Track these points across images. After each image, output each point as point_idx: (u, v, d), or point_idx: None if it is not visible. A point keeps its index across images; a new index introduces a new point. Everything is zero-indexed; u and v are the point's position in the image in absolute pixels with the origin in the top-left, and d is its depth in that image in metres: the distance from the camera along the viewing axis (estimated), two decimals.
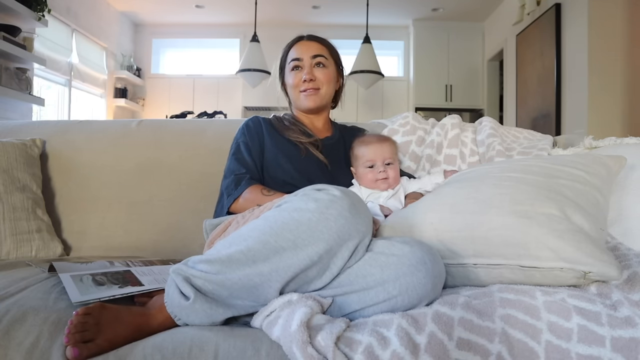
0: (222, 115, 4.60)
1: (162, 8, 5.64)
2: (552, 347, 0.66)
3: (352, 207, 0.77)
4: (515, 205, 0.85)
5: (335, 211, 0.76)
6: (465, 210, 0.88)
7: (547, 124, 4.14)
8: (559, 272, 0.75)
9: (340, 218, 0.75)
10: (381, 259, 0.77)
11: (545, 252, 0.76)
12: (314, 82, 1.30)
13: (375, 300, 0.75)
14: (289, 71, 1.34)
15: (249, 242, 0.76)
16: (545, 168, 0.99)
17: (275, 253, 0.74)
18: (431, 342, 0.66)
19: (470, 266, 0.84)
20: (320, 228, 0.74)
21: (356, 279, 0.77)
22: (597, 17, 3.55)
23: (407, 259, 0.75)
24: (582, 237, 0.78)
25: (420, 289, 0.74)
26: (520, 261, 0.79)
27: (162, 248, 1.43)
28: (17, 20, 3.28)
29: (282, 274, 0.74)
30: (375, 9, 5.31)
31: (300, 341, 0.65)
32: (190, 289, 0.74)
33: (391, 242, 0.81)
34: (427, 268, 0.74)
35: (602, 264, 0.73)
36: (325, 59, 1.32)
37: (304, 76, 1.30)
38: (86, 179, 1.50)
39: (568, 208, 0.84)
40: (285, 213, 0.78)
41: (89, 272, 0.98)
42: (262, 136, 1.30)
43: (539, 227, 0.79)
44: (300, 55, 1.31)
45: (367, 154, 1.23)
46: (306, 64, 1.31)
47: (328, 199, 0.77)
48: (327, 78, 1.32)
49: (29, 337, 0.73)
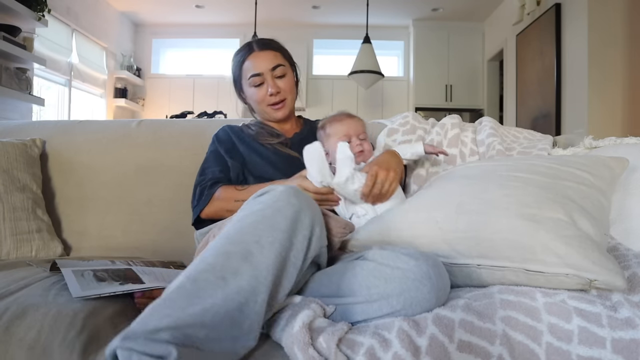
0: (222, 115, 4.59)
1: (162, 8, 5.64)
2: (552, 349, 0.66)
3: (297, 193, 0.80)
4: (522, 207, 0.84)
5: (282, 202, 0.77)
6: (472, 210, 0.88)
7: (547, 124, 4.14)
8: (564, 278, 0.75)
9: (289, 206, 0.76)
10: (386, 271, 0.76)
11: (552, 258, 0.76)
12: (279, 94, 1.30)
13: (379, 314, 0.74)
14: (248, 86, 1.31)
15: (209, 260, 0.67)
16: (551, 169, 0.98)
17: (245, 260, 0.67)
18: (432, 345, 0.66)
19: (474, 267, 0.84)
20: (276, 219, 0.74)
21: (360, 290, 0.76)
22: (597, 17, 3.55)
23: (412, 273, 0.74)
24: (589, 244, 0.77)
25: (425, 303, 0.73)
26: (525, 265, 0.78)
27: (162, 248, 1.43)
28: (17, 20, 3.28)
29: (264, 281, 0.66)
30: (375, 9, 5.31)
31: (301, 342, 0.65)
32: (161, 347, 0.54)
33: (396, 254, 0.79)
34: (432, 283, 0.73)
35: (609, 273, 0.73)
36: (283, 67, 1.31)
37: (269, 90, 1.28)
38: (86, 179, 1.50)
39: (575, 212, 0.84)
40: (237, 223, 0.76)
41: (91, 268, 0.98)
42: (233, 143, 1.32)
43: (545, 232, 0.78)
44: (259, 69, 1.28)
45: (342, 129, 1.24)
46: (267, 78, 1.29)
47: (272, 195, 0.79)
48: (290, 86, 1.32)
49: (29, 333, 0.73)
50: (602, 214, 0.92)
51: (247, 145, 1.32)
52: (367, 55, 4.71)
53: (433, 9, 5.59)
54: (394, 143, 1.53)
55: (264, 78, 1.29)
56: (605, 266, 0.73)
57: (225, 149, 1.31)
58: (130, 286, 0.90)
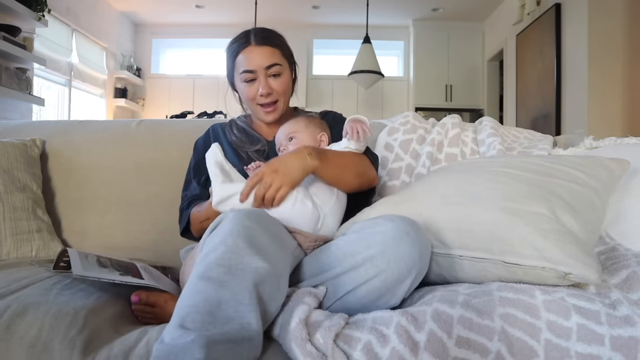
0: (222, 115, 4.59)
1: (162, 8, 5.64)
2: (551, 346, 0.67)
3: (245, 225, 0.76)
4: (506, 202, 0.86)
5: (224, 230, 0.75)
6: (455, 202, 0.90)
7: (547, 124, 4.14)
8: (541, 271, 0.76)
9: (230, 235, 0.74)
10: (366, 236, 0.79)
11: (529, 250, 0.77)
12: (271, 95, 1.20)
13: (366, 277, 0.76)
14: (240, 80, 1.22)
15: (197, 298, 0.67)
16: (543, 166, 0.99)
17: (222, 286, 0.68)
18: (430, 340, 0.66)
19: (457, 257, 0.85)
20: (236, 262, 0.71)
21: (345, 259, 0.79)
22: (597, 17, 3.55)
23: (390, 231, 0.77)
24: (568, 237, 0.78)
25: (408, 259, 0.75)
26: (503, 257, 0.79)
27: (162, 248, 1.43)
28: (17, 20, 3.28)
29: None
30: (375, 9, 5.31)
31: (299, 339, 0.65)
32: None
33: (374, 220, 0.84)
34: (411, 238, 0.77)
35: (583, 266, 0.73)
36: (280, 66, 1.20)
37: (260, 90, 1.19)
38: (86, 179, 1.50)
39: (559, 208, 0.85)
40: (200, 266, 0.71)
41: (95, 253, 0.99)
42: None
43: (525, 226, 0.80)
44: (253, 66, 1.18)
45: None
46: (260, 76, 1.19)
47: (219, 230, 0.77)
48: (284, 87, 1.22)
49: (30, 331, 0.73)
50: (592, 212, 0.92)
51: (226, 152, 1.23)
52: (367, 55, 4.71)
53: (433, 9, 5.59)
54: (395, 142, 1.54)
55: (256, 75, 1.19)
56: (580, 260, 0.74)
57: (200, 157, 1.24)
58: (130, 278, 0.90)
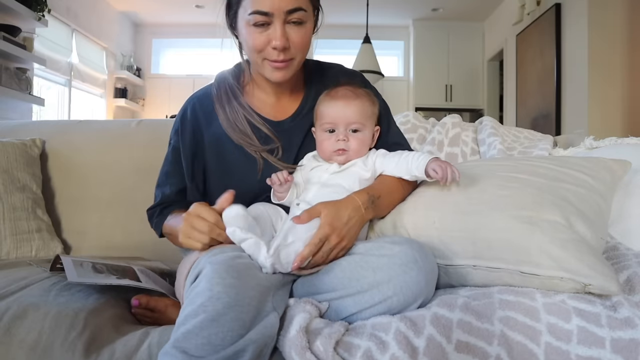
0: None
1: (162, 8, 5.63)
2: (551, 349, 0.66)
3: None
4: (519, 209, 0.84)
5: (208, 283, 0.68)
6: (468, 210, 0.87)
7: (547, 124, 4.14)
8: (559, 281, 0.75)
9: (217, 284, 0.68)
10: (372, 260, 0.76)
11: (547, 261, 0.76)
12: (287, 51, 0.92)
13: (371, 303, 0.74)
14: (245, 23, 0.92)
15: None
16: (551, 170, 0.98)
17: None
18: (430, 345, 0.66)
19: (470, 267, 0.83)
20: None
21: (350, 283, 0.76)
22: (597, 17, 3.55)
23: (398, 258, 0.75)
24: (585, 248, 0.77)
25: (415, 287, 0.73)
26: (520, 267, 0.78)
27: (162, 248, 1.42)
28: (17, 20, 3.28)
29: None
30: (375, 9, 5.30)
31: (299, 347, 0.65)
32: None
33: (379, 243, 0.80)
34: (419, 266, 0.74)
35: (604, 278, 0.73)
36: (304, 12, 0.92)
37: (274, 42, 0.90)
38: (86, 178, 1.50)
39: (572, 215, 0.83)
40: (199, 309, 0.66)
41: (90, 260, 0.99)
42: (201, 135, 1.04)
43: (542, 235, 0.78)
44: (269, 8, 0.88)
45: (327, 113, 0.95)
46: (276, 22, 0.90)
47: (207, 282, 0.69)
48: (305, 41, 0.95)
49: (30, 334, 0.73)
50: (599, 217, 0.91)
51: (211, 141, 1.02)
52: (367, 55, 4.70)
53: (433, 9, 5.59)
54: None
55: (271, 19, 0.90)
56: (600, 271, 0.73)
57: (187, 145, 1.05)
58: (127, 281, 0.90)
